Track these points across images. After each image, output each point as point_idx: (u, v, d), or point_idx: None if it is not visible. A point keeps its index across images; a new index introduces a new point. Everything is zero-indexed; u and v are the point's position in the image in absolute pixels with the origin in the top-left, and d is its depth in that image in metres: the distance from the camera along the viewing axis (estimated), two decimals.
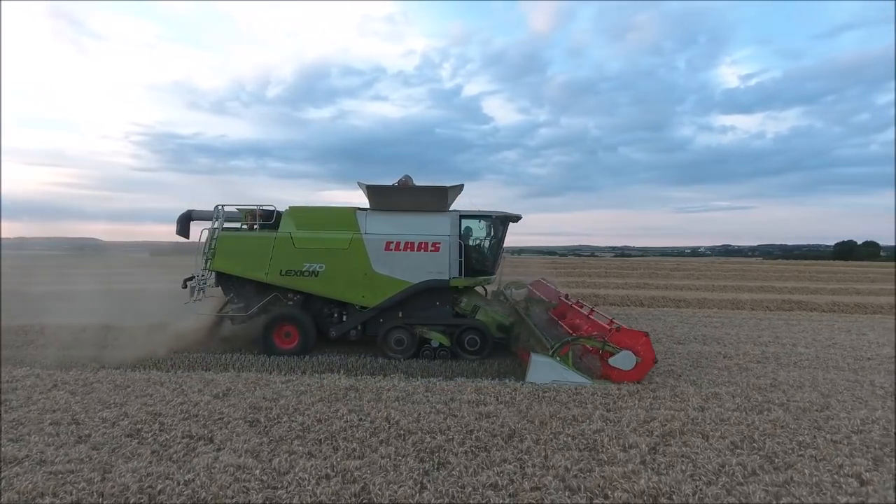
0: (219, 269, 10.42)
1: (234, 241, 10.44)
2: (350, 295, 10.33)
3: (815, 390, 7.66)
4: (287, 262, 10.21)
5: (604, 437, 5.69)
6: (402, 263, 10.18)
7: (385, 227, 10.28)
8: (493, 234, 10.97)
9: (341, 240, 10.23)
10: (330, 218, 10.50)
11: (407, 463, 5.03)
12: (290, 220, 10.48)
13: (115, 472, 4.83)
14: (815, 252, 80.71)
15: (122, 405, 6.63)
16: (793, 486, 4.68)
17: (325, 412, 6.38)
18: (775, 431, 5.96)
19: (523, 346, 9.51)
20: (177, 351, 10.18)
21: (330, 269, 10.20)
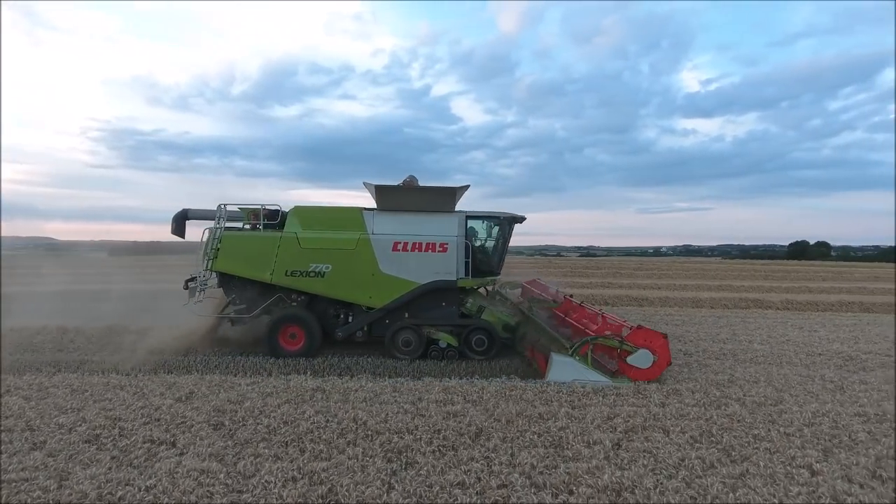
0: (222, 270, 10.17)
1: (238, 241, 10.20)
2: (357, 296, 10.24)
3: (770, 385, 7.96)
4: (292, 262, 10.05)
5: (569, 434, 5.80)
6: (409, 264, 10.14)
7: (392, 227, 10.23)
8: (498, 234, 11.01)
9: (348, 240, 10.13)
10: (336, 218, 10.38)
11: (374, 463, 5.03)
12: (295, 219, 10.30)
13: (72, 479, 4.69)
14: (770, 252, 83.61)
15: (79, 410, 6.43)
16: (748, 478, 4.86)
17: (291, 414, 6.32)
18: (732, 425, 6.17)
19: (535, 345, 9.55)
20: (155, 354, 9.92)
21: (336, 269, 10.07)
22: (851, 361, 9.97)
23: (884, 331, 13.98)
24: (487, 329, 10.32)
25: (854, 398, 7.36)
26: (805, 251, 79.08)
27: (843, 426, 6.23)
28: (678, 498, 4.46)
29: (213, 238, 10.16)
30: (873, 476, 4.98)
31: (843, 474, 4.99)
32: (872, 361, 9.99)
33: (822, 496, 4.55)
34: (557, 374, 8.05)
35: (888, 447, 5.64)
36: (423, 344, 10.18)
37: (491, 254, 10.98)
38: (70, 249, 32.71)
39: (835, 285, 26.66)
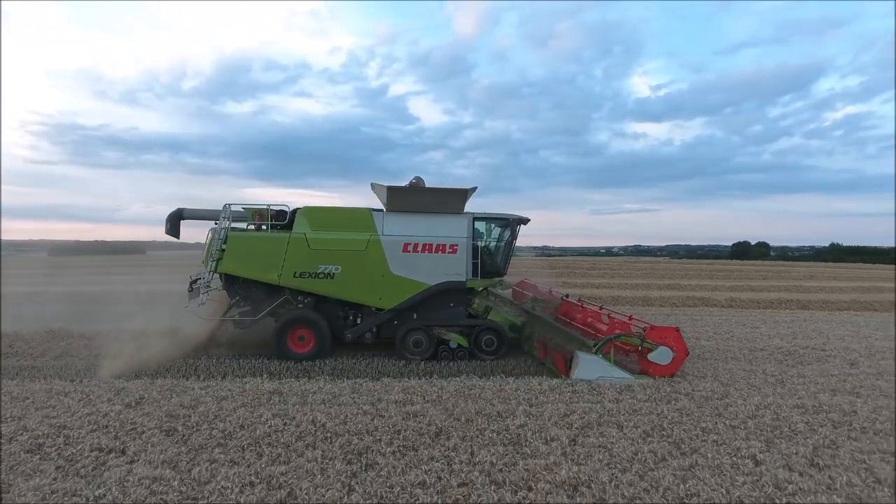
0: (228, 272, 9.85)
1: (245, 242, 9.94)
2: (367, 297, 10.15)
3: (716, 380, 8.31)
4: (301, 263, 9.87)
5: (527, 432, 5.90)
6: (419, 265, 10.13)
7: (402, 228, 10.18)
8: (505, 236, 11.07)
9: (358, 241, 10.02)
10: (346, 219, 10.25)
11: (334, 466, 4.99)
12: (304, 220, 10.10)
13: (13, 491, 4.47)
14: (715, 252, 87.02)
15: (20, 419, 6.12)
16: (697, 470, 5.07)
17: (247, 418, 6.20)
18: (682, 419, 6.41)
19: (548, 344, 9.68)
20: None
21: (346, 270, 9.95)
22: (790, 356, 10.52)
23: (819, 327, 14.79)
24: (496, 329, 10.43)
25: (793, 391, 7.76)
26: (747, 251, 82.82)
27: (784, 418, 6.57)
28: (632, 491, 4.61)
29: (216, 238, 9.83)
30: (811, 464, 5.26)
31: (784, 463, 5.26)
32: (809, 356, 10.56)
33: (765, 485, 4.78)
34: (584, 373, 8.17)
35: (824, 437, 5.97)
36: (433, 345, 10.18)
37: (498, 255, 11.05)
38: (8, 249, 30.93)
39: (774, 284, 27.99)
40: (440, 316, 10.43)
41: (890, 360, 10.20)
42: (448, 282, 10.19)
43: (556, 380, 8.12)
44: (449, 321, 10.43)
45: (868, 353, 10.84)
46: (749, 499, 4.53)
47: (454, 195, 10.31)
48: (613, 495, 4.54)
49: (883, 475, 5.01)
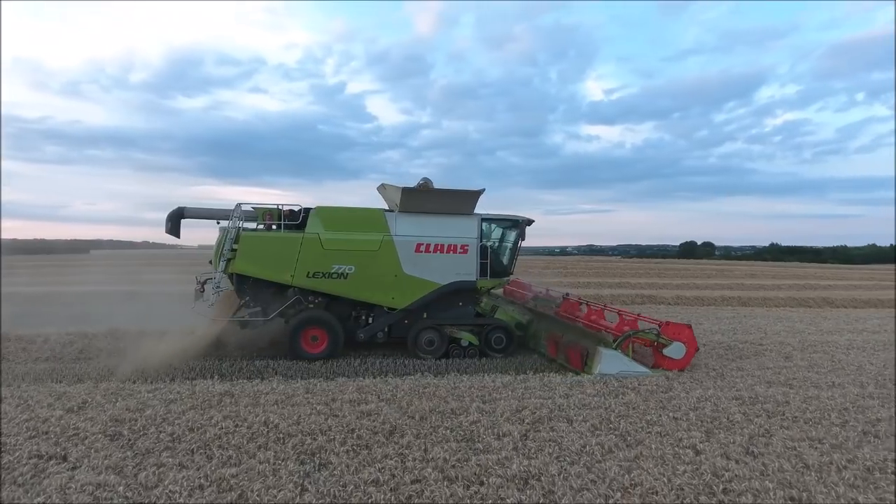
0: (240, 272, 9.63)
1: (258, 242, 9.78)
2: (379, 297, 10.17)
3: (661, 374, 8.64)
4: (315, 263, 9.79)
5: (480, 428, 6.02)
6: (431, 265, 10.23)
7: (414, 229, 10.26)
8: (512, 237, 11.23)
9: (372, 241, 10.03)
10: (359, 219, 10.24)
11: (287, 466, 4.96)
12: (317, 220, 9.99)
13: None
14: (664, 251, 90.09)
15: None
16: (641, 460, 5.28)
17: (197, 420, 6.08)
18: (628, 413, 6.66)
19: (560, 341, 9.96)
20: None
21: (360, 270, 9.92)
22: (730, 350, 11.04)
23: (757, 322, 15.55)
24: (505, 328, 10.65)
25: (732, 384, 8.16)
26: (693, 251, 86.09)
27: (723, 409, 6.91)
28: (579, 482, 4.77)
29: (227, 238, 9.62)
30: (747, 452, 5.57)
31: (722, 452, 5.54)
32: (748, 350, 11.10)
33: (704, 473, 5.02)
34: (607, 367, 8.52)
35: (759, 426, 6.32)
36: (445, 343, 10.27)
37: (505, 255, 11.22)
38: None
39: (717, 282, 29.21)
40: (450, 315, 10.61)
41: (820, 354, 10.83)
42: (459, 281, 10.38)
43: (508, 376, 8.28)
44: (459, 320, 10.61)
45: (801, 347, 11.48)
46: (689, 486, 4.75)
47: (466, 196, 10.48)
48: (562, 487, 4.68)
49: (811, 461, 5.34)
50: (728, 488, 4.76)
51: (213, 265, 9.87)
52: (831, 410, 6.95)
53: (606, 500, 4.50)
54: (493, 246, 11.05)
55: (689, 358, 9.05)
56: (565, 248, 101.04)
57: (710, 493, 4.66)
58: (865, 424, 6.47)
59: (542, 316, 11.36)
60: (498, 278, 11.01)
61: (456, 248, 10.36)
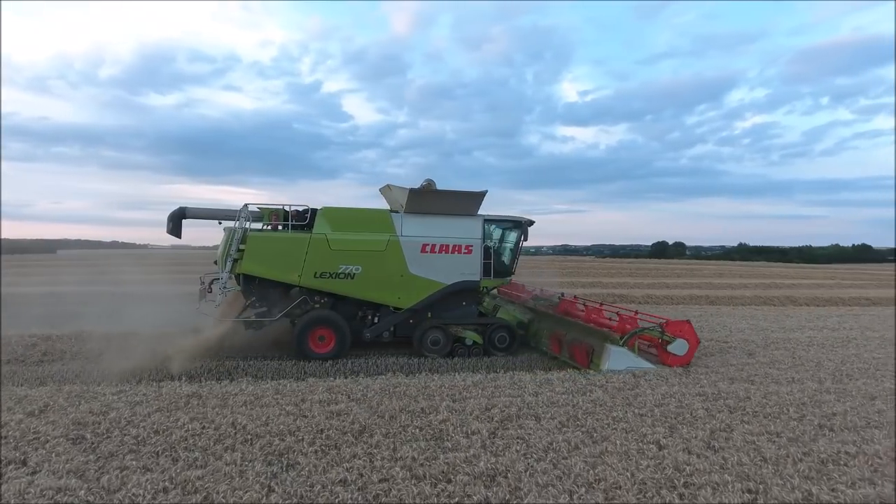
0: (248, 272, 9.60)
1: (266, 243, 9.79)
2: (386, 296, 10.27)
3: (629, 372, 8.79)
4: (322, 263, 9.85)
5: (449, 427, 6.06)
6: (436, 265, 10.38)
7: (420, 229, 10.38)
8: (514, 237, 11.41)
9: (378, 242, 10.12)
10: (366, 219, 10.33)
11: (254, 468, 4.93)
12: (324, 220, 10.04)
13: None
14: (636, 251, 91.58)
15: None
16: (606, 456, 5.39)
17: (163, 422, 6.00)
18: (595, 410, 6.77)
19: (563, 339, 10.23)
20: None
21: (366, 270, 10.01)
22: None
23: (724, 321, 15.93)
24: (509, 327, 10.88)
25: (696, 380, 8.35)
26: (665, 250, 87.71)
27: (686, 405, 7.08)
28: (545, 478, 4.85)
29: (233, 239, 9.61)
30: (708, 447, 5.71)
31: (685, 447, 5.68)
32: (713, 347, 11.37)
33: (666, 467, 5.15)
34: (615, 364, 8.81)
35: (721, 421, 6.49)
36: (450, 342, 10.40)
37: (508, 256, 11.42)
38: None
39: (687, 281, 29.83)
40: (453, 315, 10.79)
41: (782, 350, 11.16)
42: (463, 281, 10.55)
43: (479, 375, 8.35)
44: (462, 320, 10.79)
45: (764, 345, 11.80)
46: (651, 481, 4.87)
47: (470, 198, 10.63)
48: (528, 484, 4.75)
49: (768, 454, 5.51)
50: (689, 482, 4.88)
51: (219, 266, 9.89)
52: (790, 405, 7.18)
53: (571, 495, 4.59)
54: (496, 246, 11.33)
55: (692, 354, 9.40)
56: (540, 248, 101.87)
57: (672, 487, 4.78)
58: (822, 418, 6.70)
59: (543, 315, 11.66)
60: (500, 278, 11.27)
61: (460, 248, 10.56)
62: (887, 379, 8.81)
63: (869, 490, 4.80)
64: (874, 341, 12.56)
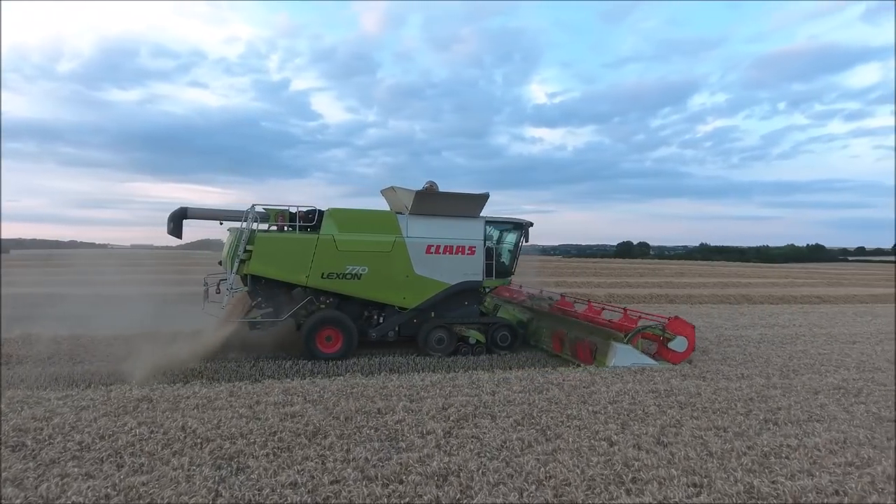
0: (255, 273, 9.56)
1: (274, 243, 9.78)
2: (391, 297, 10.42)
3: (586, 370, 8.95)
4: (329, 264, 9.90)
5: (404, 427, 6.05)
6: (441, 266, 10.59)
7: (425, 231, 10.57)
8: (514, 239, 11.77)
9: (385, 242, 10.24)
10: (372, 220, 10.47)
11: (202, 472, 4.83)
12: (331, 221, 10.11)
13: None
14: (602, 251, 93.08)
15: None
16: (558, 453, 5.46)
17: (109, 427, 5.83)
18: (550, 408, 6.86)
19: (565, 338, 10.72)
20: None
21: (373, 271, 10.11)
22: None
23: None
24: (510, 326, 11.22)
25: (650, 377, 8.53)
26: (630, 250, 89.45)
27: (639, 402, 7.23)
28: (496, 477, 4.89)
29: (240, 240, 9.56)
30: (658, 442, 5.85)
31: (635, 443, 5.80)
32: None
33: (615, 463, 5.25)
34: (621, 360, 9.20)
35: (671, 417, 6.65)
36: (454, 341, 10.63)
37: (508, 256, 11.75)
38: None
39: (649, 280, 30.49)
40: (456, 314, 11.01)
41: (734, 347, 11.51)
42: (466, 281, 10.82)
43: (437, 375, 8.36)
44: (465, 319, 11.02)
45: (717, 342, 12.16)
46: (600, 477, 4.95)
47: (474, 200, 10.93)
48: (479, 482, 4.78)
49: (714, 448, 5.67)
50: (637, 477, 4.99)
51: (225, 266, 9.89)
52: (738, 401, 7.40)
53: (521, 493, 4.64)
54: (497, 247, 11.62)
55: (690, 350, 9.83)
56: None
57: (620, 483, 4.88)
58: (767, 413, 6.93)
59: (542, 314, 12.06)
60: (501, 278, 11.60)
61: (464, 249, 10.82)
62: (830, 374, 9.18)
63: (807, 482, 4.99)
64: (821, 338, 13.08)
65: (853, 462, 5.48)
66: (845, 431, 6.33)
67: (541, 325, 11.74)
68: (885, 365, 10.03)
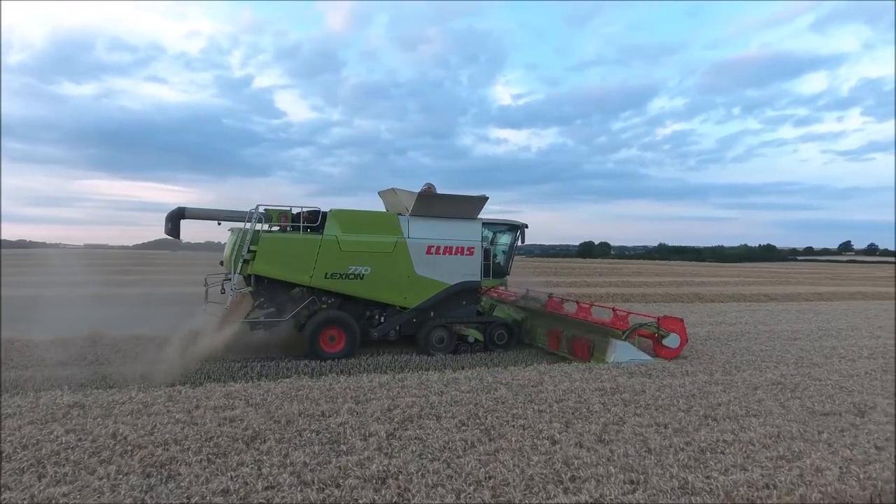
0: (260, 273, 9.57)
1: (278, 244, 9.79)
2: (393, 296, 10.55)
3: (535, 369, 9.01)
4: (332, 264, 9.97)
5: (347, 429, 5.95)
6: (441, 266, 10.79)
7: (426, 232, 10.72)
8: (509, 240, 12.15)
9: (387, 243, 10.36)
10: (375, 221, 10.62)
11: (128, 481, 4.64)
12: (334, 222, 10.16)
13: None
14: (565, 251, 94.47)
15: None
16: (500, 454, 5.45)
17: (34, 436, 5.54)
18: (496, 407, 6.86)
19: (561, 336, 11.23)
20: None
21: (375, 271, 10.21)
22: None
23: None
24: (507, 324, 11.59)
25: (598, 376, 8.64)
26: (591, 250, 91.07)
27: (585, 400, 7.30)
28: (436, 478, 4.84)
29: (243, 240, 9.56)
30: (599, 440, 5.91)
31: (577, 441, 5.84)
32: None
33: (556, 462, 5.26)
34: (620, 356, 9.61)
35: (615, 415, 6.73)
36: (453, 340, 10.90)
37: (504, 257, 12.11)
38: None
39: (607, 279, 31.05)
40: (454, 314, 11.23)
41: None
42: (465, 282, 11.06)
43: (386, 376, 8.26)
44: (463, 318, 11.27)
45: None
46: (539, 476, 4.96)
47: (473, 202, 11.21)
48: (418, 484, 4.73)
49: (653, 445, 5.76)
50: (575, 476, 5.01)
51: (228, 266, 9.90)
52: (680, 397, 7.55)
53: (458, 494, 4.61)
54: (493, 248, 11.98)
55: (682, 346, 10.31)
56: None
57: (558, 482, 4.90)
58: (707, 409, 7.09)
59: (536, 313, 12.44)
60: (498, 278, 11.94)
61: (463, 249, 11.04)
62: (770, 370, 9.48)
63: (739, 476, 5.11)
64: (764, 335, 13.54)
65: (784, 455, 5.64)
66: (779, 426, 6.52)
67: (535, 324, 12.19)
68: (822, 360, 10.43)
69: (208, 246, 43.69)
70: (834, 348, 11.81)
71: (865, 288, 31.46)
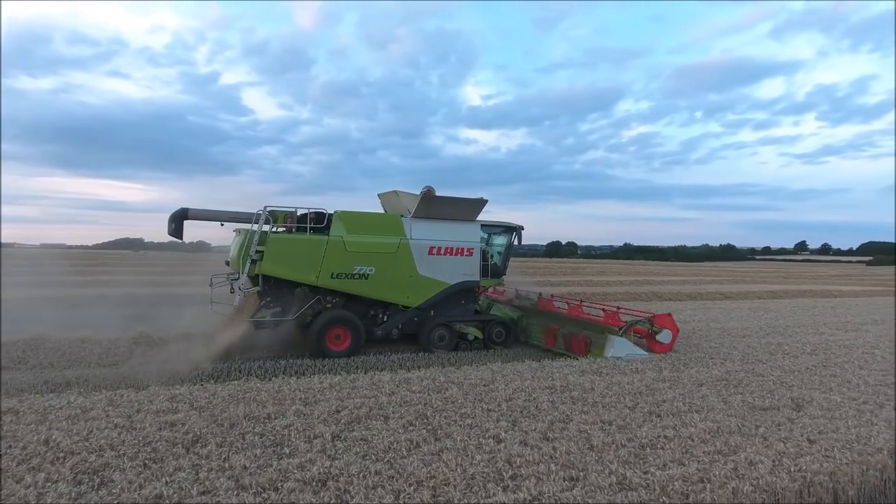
0: (268, 273, 9.67)
1: (285, 244, 9.91)
2: (396, 296, 10.75)
3: (488, 368, 9.07)
4: (338, 265, 10.12)
5: (292, 432, 5.89)
6: (442, 266, 11.02)
7: (427, 233, 10.93)
8: (506, 241, 12.55)
9: (391, 244, 10.56)
10: (379, 223, 10.84)
11: (57, 489, 4.49)
12: (340, 223, 10.29)
13: None
14: (533, 251, 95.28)
15: None
16: (444, 453, 5.46)
17: None
18: (445, 407, 6.88)
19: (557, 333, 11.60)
20: None
21: (379, 271, 10.39)
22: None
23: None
24: (505, 323, 11.95)
25: (549, 374, 8.74)
26: (559, 250, 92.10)
27: (534, 398, 7.37)
28: (377, 479, 4.83)
29: (251, 241, 9.67)
30: (544, 438, 5.97)
31: (522, 439, 5.90)
32: None
33: (498, 461, 5.30)
34: (618, 351, 10.02)
35: (562, 412, 6.82)
36: (454, 338, 11.17)
37: (502, 257, 12.46)
38: None
39: (571, 279, 31.44)
40: (454, 312, 11.49)
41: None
42: (465, 281, 11.37)
43: (338, 377, 8.20)
44: (462, 317, 11.54)
45: None
46: (481, 475, 4.99)
47: (473, 205, 11.56)
48: (358, 486, 4.71)
49: (596, 442, 5.86)
50: (516, 474, 5.06)
51: (235, 267, 10.06)
52: (627, 394, 7.70)
53: (398, 495, 4.60)
54: (491, 249, 12.30)
55: (673, 342, 10.81)
56: None
57: (499, 480, 4.94)
58: (652, 405, 7.24)
59: (530, 312, 12.83)
60: (495, 278, 12.30)
61: (463, 250, 11.33)
62: (716, 366, 9.74)
63: (676, 470, 5.23)
64: (715, 332, 13.92)
65: (721, 450, 5.80)
66: (719, 421, 6.70)
67: (531, 322, 12.58)
68: (766, 357, 10.78)
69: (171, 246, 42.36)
70: (779, 345, 12.22)
71: (815, 286, 32.65)
